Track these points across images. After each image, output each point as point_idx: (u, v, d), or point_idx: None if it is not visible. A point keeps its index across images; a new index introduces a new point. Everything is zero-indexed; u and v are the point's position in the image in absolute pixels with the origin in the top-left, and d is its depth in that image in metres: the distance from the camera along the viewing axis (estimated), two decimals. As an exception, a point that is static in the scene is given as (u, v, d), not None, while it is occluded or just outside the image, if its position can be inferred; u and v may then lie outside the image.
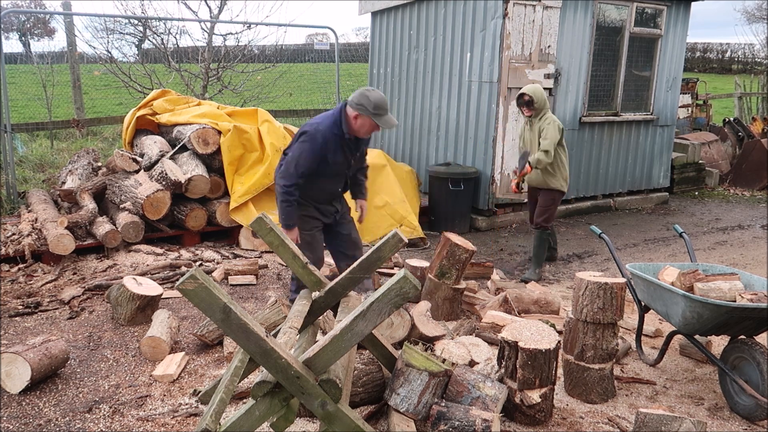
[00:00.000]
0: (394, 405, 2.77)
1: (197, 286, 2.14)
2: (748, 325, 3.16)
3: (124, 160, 5.97)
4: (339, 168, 4.03)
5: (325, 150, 3.88)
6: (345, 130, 3.89)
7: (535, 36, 6.75)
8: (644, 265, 3.68)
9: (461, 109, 7.21)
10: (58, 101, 10.76)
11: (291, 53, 13.10)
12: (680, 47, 8.19)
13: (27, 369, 3.24)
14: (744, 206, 8.66)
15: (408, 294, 2.23)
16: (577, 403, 3.30)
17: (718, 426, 3.12)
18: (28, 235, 5.36)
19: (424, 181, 7.60)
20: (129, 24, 10.70)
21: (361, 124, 3.87)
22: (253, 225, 2.97)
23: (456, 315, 4.29)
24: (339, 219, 4.28)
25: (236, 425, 2.31)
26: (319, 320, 3.14)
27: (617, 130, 7.91)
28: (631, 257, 6.12)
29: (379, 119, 3.82)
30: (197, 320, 4.32)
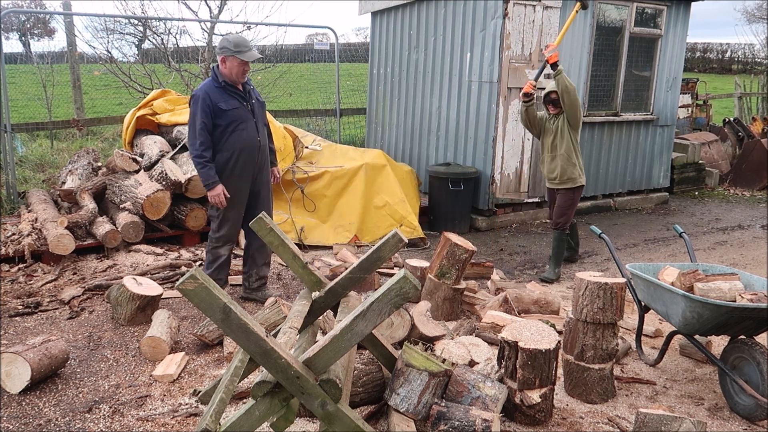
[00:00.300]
0: (394, 405, 2.77)
1: (197, 286, 2.14)
2: (748, 325, 3.16)
3: (124, 160, 5.97)
4: (240, 113, 4.28)
5: (212, 101, 4.18)
6: (220, 79, 4.21)
7: (535, 36, 6.75)
8: (644, 265, 3.68)
9: (461, 109, 7.21)
10: (58, 101, 10.75)
11: (291, 53, 13.09)
12: (680, 47, 8.19)
13: (27, 369, 3.24)
14: (744, 206, 8.66)
15: (408, 294, 2.23)
16: (577, 403, 3.30)
17: (718, 426, 3.12)
18: (28, 235, 5.36)
19: (424, 181, 7.60)
20: (129, 24, 10.70)
21: (230, 66, 4.18)
22: (253, 225, 2.97)
23: (456, 315, 4.29)
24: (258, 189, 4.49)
25: (236, 425, 2.31)
26: (319, 320, 3.14)
27: (617, 130, 7.91)
28: (631, 257, 6.12)
29: (242, 55, 4.14)
30: (197, 320, 4.32)
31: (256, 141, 4.36)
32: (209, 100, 4.16)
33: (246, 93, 4.34)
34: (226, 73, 4.21)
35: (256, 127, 4.37)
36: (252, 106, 4.37)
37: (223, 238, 4.47)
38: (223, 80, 4.22)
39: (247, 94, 4.35)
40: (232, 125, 4.24)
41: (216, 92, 4.20)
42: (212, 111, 4.17)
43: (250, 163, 4.36)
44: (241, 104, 4.28)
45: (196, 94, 4.20)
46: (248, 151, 4.33)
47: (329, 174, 6.44)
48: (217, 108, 4.17)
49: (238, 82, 4.27)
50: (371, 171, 6.54)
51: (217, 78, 4.23)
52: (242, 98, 4.30)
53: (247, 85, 4.38)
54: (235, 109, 4.24)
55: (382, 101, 8.65)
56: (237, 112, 4.25)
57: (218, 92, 4.21)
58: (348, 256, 5.57)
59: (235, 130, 4.25)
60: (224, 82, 4.22)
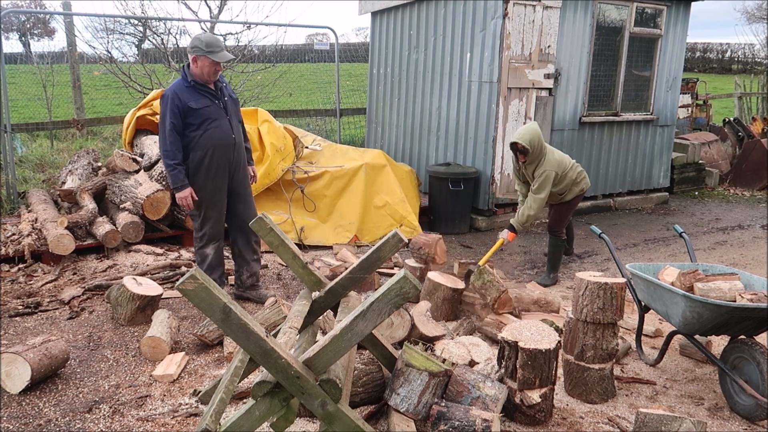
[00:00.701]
0: (394, 405, 2.77)
1: (197, 286, 2.14)
2: (748, 325, 3.16)
3: (124, 160, 5.96)
4: (212, 111, 4.24)
5: (182, 100, 4.14)
6: (189, 78, 4.17)
7: (535, 36, 6.75)
8: (644, 265, 3.68)
9: (461, 109, 7.21)
10: (58, 101, 10.76)
11: (291, 53, 13.09)
12: (680, 47, 8.19)
13: (27, 369, 3.24)
14: (744, 206, 8.66)
15: (408, 294, 2.23)
16: (577, 403, 3.30)
17: (718, 426, 3.12)
18: (28, 235, 5.36)
19: (424, 181, 7.60)
20: (129, 24, 10.70)
21: (201, 65, 4.13)
22: (253, 225, 2.97)
23: (456, 315, 4.29)
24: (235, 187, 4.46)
25: (236, 425, 2.31)
26: (319, 320, 3.14)
27: (617, 130, 7.91)
28: (631, 257, 6.12)
29: (214, 55, 4.09)
30: (197, 320, 4.32)
31: (230, 138, 4.32)
32: (178, 100, 4.12)
33: (217, 90, 4.30)
34: (197, 73, 4.16)
35: (230, 125, 4.33)
36: (224, 103, 4.32)
37: (206, 237, 4.44)
38: (192, 79, 4.18)
39: (219, 92, 4.31)
40: (204, 124, 4.20)
41: (185, 91, 4.16)
42: (182, 110, 4.13)
43: (224, 160, 4.32)
44: (212, 102, 4.24)
45: (166, 95, 4.17)
46: (222, 149, 4.28)
47: (329, 174, 6.44)
48: (186, 107, 4.14)
49: (209, 81, 4.22)
50: (371, 171, 6.54)
51: (186, 77, 4.19)
52: (213, 96, 4.26)
53: (219, 82, 4.33)
54: (207, 107, 4.20)
55: (382, 101, 8.65)
56: (208, 110, 4.21)
57: (188, 91, 4.16)
58: (348, 256, 5.57)
59: (207, 128, 4.21)
60: (193, 81, 4.18)
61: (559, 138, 7.35)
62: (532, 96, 6.91)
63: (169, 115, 4.12)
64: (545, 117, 7.08)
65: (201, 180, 4.28)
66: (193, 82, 4.18)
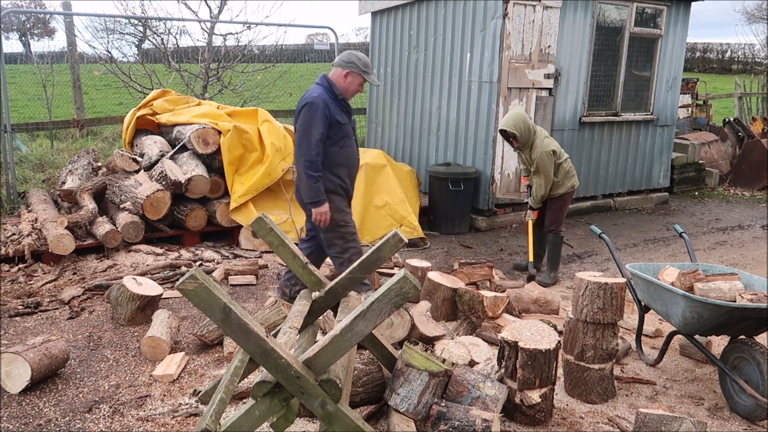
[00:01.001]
0: (394, 405, 2.77)
1: (197, 286, 2.14)
2: (748, 325, 3.16)
3: (124, 160, 5.97)
4: (349, 129, 4.12)
5: (331, 112, 3.96)
6: (337, 92, 4.04)
7: (535, 36, 6.75)
8: (644, 265, 3.68)
9: (461, 109, 7.21)
10: (58, 101, 10.76)
11: (291, 53, 13.10)
12: (680, 47, 8.19)
13: (27, 369, 3.24)
14: (744, 206, 8.66)
15: (408, 294, 2.23)
16: (577, 403, 3.30)
17: (718, 426, 3.12)
18: (28, 235, 5.36)
19: (424, 181, 7.60)
20: (129, 24, 10.71)
21: (350, 82, 4.04)
22: (253, 225, 2.97)
23: (456, 315, 4.29)
24: None
25: (236, 425, 2.31)
26: (319, 320, 3.14)
27: (617, 130, 7.91)
28: (631, 257, 6.12)
29: (368, 76, 4.06)
30: (197, 320, 4.32)
31: (357, 160, 4.22)
32: (329, 111, 3.93)
33: (348, 108, 4.17)
34: (342, 87, 4.03)
35: (356, 145, 4.22)
36: (353, 123, 4.23)
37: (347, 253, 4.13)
38: (340, 93, 4.03)
39: (349, 109, 4.19)
40: (343, 140, 4.04)
41: (332, 103, 3.99)
42: (330, 123, 3.94)
43: (353, 180, 4.23)
44: (349, 120, 4.12)
45: (315, 102, 3.91)
46: (354, 169, 4.19)
47: (329, 174, 6.43)
48: (334, 120, 3.96)
49: (348, 99, 4.12)
50: (371, 171, 6.54)
51: (332, 89, 4.02)
52: (349, 114, 4.15)
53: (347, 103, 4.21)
54: (347, 124, 4.07)
55: (382, 101, 8.65)
56: (347, 127, 4.08)
57: (334, 104, 4.00)
58: (348, 256, 5.56)
59: (344, 146, 4.06)
60: (340, 95, 4.03)
61: (559, 138, 7.34)
62: (532, 96, 6.92)
63: (319, 124, 3.88)
64: (545, 117, 7.08)
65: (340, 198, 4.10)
66: (340, 95, 4.04)
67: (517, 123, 4.97)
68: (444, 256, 6.03)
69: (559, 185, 5.16)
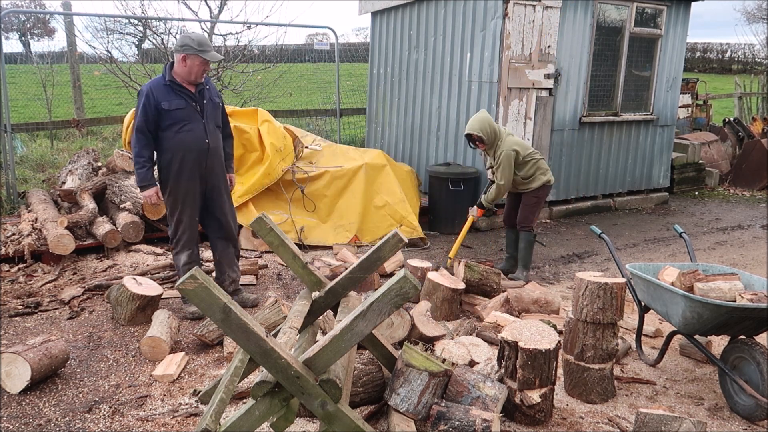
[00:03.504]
0: (394, 405, 2.77)
1: (197, 286, 2.14)
2: (748, 325, 3.16)
3: (124, 160, 5.97)
4: (185, 113, 4.10)
5: (156, 99, 4.02)
6: (167, 77, 4.06)
7: (535, 36, 6.75)
8: (644, 265, 3.68)
9: (461, 109, 7.21)
10: (58, 101, 10.75)
11: (291, 53, 13.08)
12: (680, 47, 8.19)
13: (27, 369, 3.24)
14: (744, 206, 8.66)
15: (408, 294, 2.23)
16: (577, 403, 3.30)
17: (718, 426, 3.12)
18: (28, 235, 5.36)
19: (424, 181, 7.60)
20: (129, 24, 10.70)
21: (191, 65, 4.03)
22: (253, 225, 2.97)
23: (455, 315, 4.29)
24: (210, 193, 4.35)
25: (236, 425, 2.31)
26: (319, 320, 3.14)
27: (617, 130, 7.91)
28: (631, 257, 6.12)
29: (205, 54, 4.01)
30: (197, 320, 4.31)
31: (203, 143, 4.16)
32: (152, 98, 4.00)
33: (197, 93, 4.14)
34: (182, 72, 4.04)
35: (205, 129, 4.16)
36: (202, 106, 4.16)
37: (179, 243, 4.30)
38: (170, 78, 4.05)
39: (198, 94, 4.15)
40: (176, 126, 4.07)
41: (161, 90, 4.03)
42: (154, 109, 4.01)
43: (196, 165, 4.16)
44: (188, 104, 4.09)
45: (141, 90, 4.05)
46: (194, 153, 4.13)
47: (329, 174, 6.44)
48: (159, 106, 4.01)
49: (196, 81, 4.10)
50: (371, 171, 6.54)
51: (164, 75, 4.07)
52: (190, 98, 4.10)
53: (203, 84, 4.17)
54: (180, 109, 4.06)
55: (382, 101, 8.65)
56: (182, 112, 4.07)
57: (164, 90, 4.03)
58: (348, 256, 5.57)
59: (179, 131, 4.07)
60: (171, 80, 4.05)
61: (559, 138, 7.35)
62: (532, 96, 6.92)
63: (139, 111, 4.02)
64: (545, 117, 7.08)
65: (171, 183, 4.16)
66: (170, 81, 4.05)
67: (483, 126, 4.96)
68: (444, 256, 6.03)
69: (532, 179, 5.07)
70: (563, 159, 7.45)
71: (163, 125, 4.07)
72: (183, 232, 4.29)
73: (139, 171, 4.09)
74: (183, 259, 4.34)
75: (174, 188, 4.18)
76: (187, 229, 4.29)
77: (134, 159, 4.09)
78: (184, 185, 4.19)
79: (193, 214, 4.29)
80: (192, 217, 4.29)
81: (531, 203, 5.14)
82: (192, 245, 4.36)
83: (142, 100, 4.02)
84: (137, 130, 4.04)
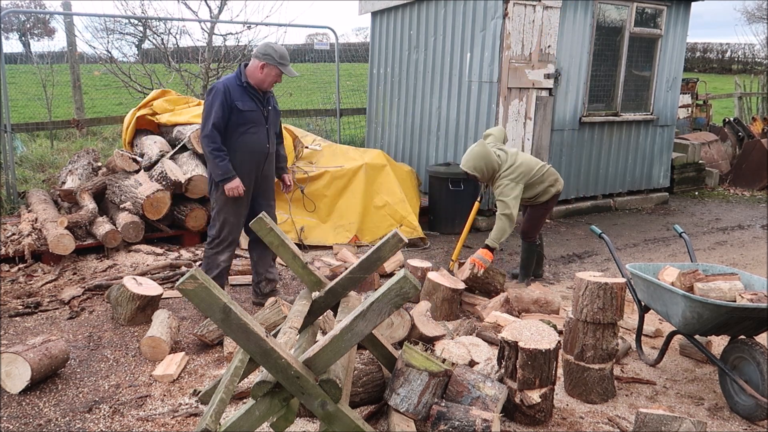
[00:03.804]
0: (394, 405, 2.77)
1: (197, 286, 2.14)
2: (748, 325, 3.16)
3: (124, 160, 5.97)
4: (254, 116, 4.21)
5: (231, 98, 4.10)
6: (243, 79, 4.16)
7: (535, 36, 6.75)
8: (644, 265, 3.68)
9: (461, 109, 7.21)
10: (58, 101, 10.75)
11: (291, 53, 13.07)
12: (680, 47, 8.19)
13: (27, 369, 3.24)
14: (744, 206, 8.66)
15: (408, 294, 2.23)
16: (577, 403, 3.30)
17: (718, 426, 3.12)
18: (28, 235, 5.36)
19: (424, 181, 7.60)
20: (129, 24, 10.70)
21: (266, 74, 4.14)
22: (253, 225, 2.97)
23: (455, 315, 4.29)
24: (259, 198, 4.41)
25: (236, 425, 2.31)
26: (319, 320, 3.14)
27: (617, 130, 7.91)
28: (631, 257, 6.12)
29: (284, 68, 4.15)
30: (197, 320, 4.31)
31: (265, 147, 4.29)
32: (229, 96, 4.08)
33: (264, 99, 4.28)
34: (259, 78, 4.14)
35: (267, 134, 4.30)
36: (268, 112, 4.30)
37: (223, 243, 4.34)
38: (246, 80, 4.16)
39: (266, 100, 4.29)
40: (244, 127, 4.17)
41: (236, 90, 4.13)
42: (229, 107, 4.09)
43: (255, 168, 4.29)
44: (257, 107, 4.21)
45: (216, 87, 4.11)
46: (256, 156, 4.26)
47: (329, 174, 6.44)
48: (234, 106, 4.10)
49: (266, 90, 4.23)
50: (371, 171, 6.54)
51: (240, 76, 4.16)
52: (260, 102, 4.23)
53: (268, 92, 4.32)
54: (251, 111, 4.17)
55: (382, 101, 8.65)
56: (252, 114, 4.18)
57: (239, 90, 4.13)
58: (348, 256, 5.57)
59: (246, 132, 4.18)
60: (247, 82, 4.16)
61: (559, 138, 7.35)
62: (532, 96, 6.92)
63: (216, 107, 4.06)
64: (545, 117, 7.08)
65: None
66: (246, 83, 4.15)
67: (477, 165, 4.66)
68: (444, 256, 6.03)
69: (542, 194, 4.87)
70: (563, 159, 7.45)
71: (231, 124, 4.14)
72: (229, 232, 4.34)
73: (221, 164, 4.09)
74: (223, 258, 4.38)
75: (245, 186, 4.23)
76: (234, 229, 4.35)
77: (213, 153, 4.09)
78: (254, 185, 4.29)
79: (241, 215, 4.34)
80: (240, 217, 4.35)
81: (538, 215, 4.99)
82: (234, 246, 4.42)
83: (219, 98, 4.06)
84: (214, 126, 4.07)
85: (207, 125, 4.10)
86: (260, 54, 4.10)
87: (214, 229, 4.36)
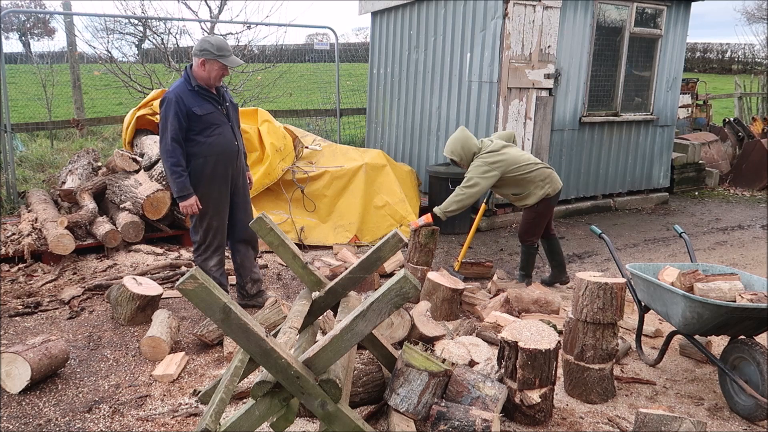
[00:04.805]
0: (394, 405, 2.77)
1: (197, 286, 2.14)
2: (748, 325, 3.16)
3: (124, 160, 5.97)
4: (214, 118, 4.09)
5: (185, 105, 3.97)
6: (194, 83, 4.02)
7: (535, 36, 6.75)
8: (644, 265, 3.68)
9: (461, 109, 7.21)
10: (58, 101, 10.76)
11: (291, 53, 13.07)
12: (680, 47, 8.19)
13: (27, 369, 3.24)
14: (744, 206, 8.66)
15: (408, 294, 2.23)
16: (577, 403, 3.30)
17: (718, 426, 3.12)
18: (28, 235, 5.36)
19: (424, 181, 7.60)
20: (129, 24, 10.70)
21: (209, 69, 3.98)
22: (252, 225, 2.97)
23: (455, 315, 4.29)
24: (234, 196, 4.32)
25: (236, 425, 2.31)
26: (319, 320, 3.14)
27: (617, 130, 7.91)
28: (631, 257, 6.12)
29: (225, 60, 3.97)
30: (197, 320, 4.31)
31: (233, 145, 4.18)
32: (183, 104, 3.95)
33: (219, 96, 4.15)
34: (204, 76, 4.00)
35: (233, 132, 4.20)
36: (226, 109, 4.18)
37: (210, 248, 4.26)
38: (197, 83, 4.02)
39: (221, 98, 4.16)
40: (208, 130, 4.05)
41: (189, 96, 3.99)
42: (185, 116, 3.96)
43: (228, 168, 4.18)
44: (215, 108, 4.09)
45: (168, 97, 3.97)
46: (226, 156, 4.14)
47: (329, 174, 6.44)
48: (191, 112, 3.97)
49: (214, 86, 4.09)
50: (371, 171, 6.54)
51: (189, 81, 4.02)
52: (216, 102, 4.11)
53: (221, 87, 4.19)
54: (210, 113, 4.05)
55: (382, 101, 8.65)
56: (212, 116, 4.06)
57: (191, 95, 4.00)
58: (348, 256, 5.57)
59: (211, 135, 4.06)
60: (197, 85, 4.02)
61: (559, 138, 7.35)
62: (532, 96, 6.92)
63: (171, 119, 3.93)
64: (545, 117, 7.08)
65: (204, 188, 4.11)
66: (197, 86, 4.03)
67: (454, 148, 4.77)
68: (444, 256, 6.03)
69: (527, 196, 4.78)
70: (563, 159, 7.45)
71: (193, 131, 4.03)
72: (214, 237, 4.26)
73: (178, 180, 3.98)
74: (213, 264, 4.31)
75: (206, 193, 4.13)
76: (218, 233, 4.27)
77: (171, 169, 3.97)
78: (217, 190, 4.17)
79: (224, 218, 4.27)
80: (223, 220, 4.27)
81: (529, 219, 4.91)
82: (222, 249, 4.34)
83: (172, 109, 3.93)
84: (173, 139, 3.94)
85: (165, 139, 3.97)
86: (198, 51, 3.97)
87: (198, 236, 4.26)
